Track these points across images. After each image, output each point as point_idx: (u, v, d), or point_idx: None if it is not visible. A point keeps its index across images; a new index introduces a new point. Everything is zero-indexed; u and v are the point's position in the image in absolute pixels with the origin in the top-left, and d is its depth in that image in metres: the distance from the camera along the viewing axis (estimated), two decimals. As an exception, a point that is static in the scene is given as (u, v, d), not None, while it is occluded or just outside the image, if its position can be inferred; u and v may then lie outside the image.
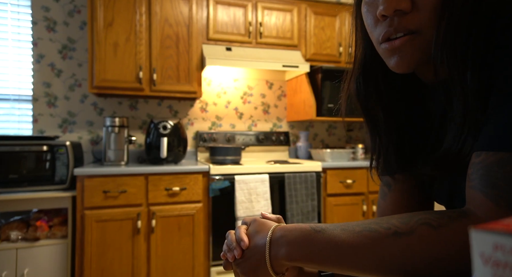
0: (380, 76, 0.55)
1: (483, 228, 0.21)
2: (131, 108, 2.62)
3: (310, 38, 2.67)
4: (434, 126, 0.55)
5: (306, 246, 0.47)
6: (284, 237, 0.49)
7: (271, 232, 0.51)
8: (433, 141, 0.55)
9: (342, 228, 0.47)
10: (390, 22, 0.45)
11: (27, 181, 1.96)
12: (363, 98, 0.57)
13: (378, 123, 0.58)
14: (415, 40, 0.45)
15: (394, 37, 0.46)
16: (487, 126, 0.41)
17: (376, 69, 0.55)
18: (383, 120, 0.57)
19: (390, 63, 0.48)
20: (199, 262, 2.12)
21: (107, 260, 1.96)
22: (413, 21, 0.44)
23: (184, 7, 2.38)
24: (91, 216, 1.93)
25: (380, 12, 0.45)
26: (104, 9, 2.21)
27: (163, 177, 2.07)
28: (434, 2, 0.43)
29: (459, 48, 0.42)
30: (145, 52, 2.30)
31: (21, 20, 2.43)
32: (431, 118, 0.56)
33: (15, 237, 1.90)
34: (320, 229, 0.48)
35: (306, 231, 0.48)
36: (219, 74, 2.81)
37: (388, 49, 0.47)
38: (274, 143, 2.83)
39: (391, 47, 0.46)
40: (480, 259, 0.21)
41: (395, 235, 0.42)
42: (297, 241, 0.48)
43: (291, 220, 2.19)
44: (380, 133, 0.58)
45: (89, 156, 2.52)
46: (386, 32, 0.46)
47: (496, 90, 0.41)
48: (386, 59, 0.49)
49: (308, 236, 0.47)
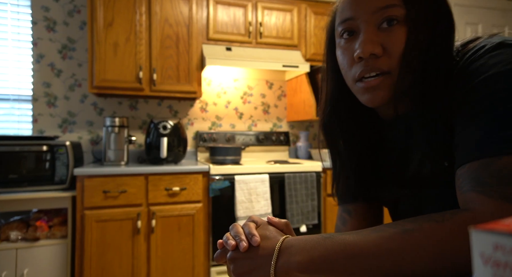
0: (344, 112, 0.63)
1: (483, 228, 0.21)
2: (131, 108, 2.62)
3: (310, 38, 2.67)
4: (392, 156, 0.63)
5: (317, 251, 0.47)
6: (295, 247, 0.49)
7: (281, 241, 0.51)
8: (394, 168, 0.63)
9: (350, 233, 0.49)
10: (365, 63, 0.53)
11: (27, 181, 1.96)
12: (328, 131, 0.65)
13: (340, 153, 0.65)
14: (386, 79, 0.53)
15: (368, 76, 0.53)
16: (462, 145, 0.48)
17: (341, 105, 0.63)
18: (344, 150, 0.64)
19: (364, 99, 0.55)
20: (199, 262, 2.12)
21: (107, 260, 1.96)
22: (384, 64, 0.52)
23: (184, 7, 2.38)
24: (91, 216, 1.93)
25: (357, 55, 0.52)
26: (104, 9, 2.21)
27: (163, 177, 2.07)
28: (400, 49, 0.51)
29: (418, 86, 0.51)
30: (145, 52, 2.30)
31: (21, 20, 2.43)
32: (389, 150, 0.64)
33: (15, 237, 1.90)
34: (329, 236, 0.49)
35: (316, 238, 0.50)
36: (219, 74, 2.82)
37: (363, 87, 0.54)
38: (274, 143, 2.83)
39: (367, 86, 0.53)
40: (480, 259, 0.21)
41: (403, 232, 0.45)
42: (307, 248, 0.48)
43: (291, 220, 2.19)
44: (341, 162, 0.66)
45: (89, 156, 2.52)
46: (363, 71, 0.53)
47: (460, 115, 0.48)
48: (360, 95, 0.56)
49: (318, 242, 0.48)
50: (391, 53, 0.52)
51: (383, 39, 0.52)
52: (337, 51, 0.59)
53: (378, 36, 0.52)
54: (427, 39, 0.51)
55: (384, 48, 0.52)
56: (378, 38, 0.52)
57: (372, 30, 0.52)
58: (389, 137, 0.63)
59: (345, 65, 0.57)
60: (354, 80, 0.55)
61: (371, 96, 0.54)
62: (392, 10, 0.51)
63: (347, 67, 0.56)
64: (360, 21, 0.53)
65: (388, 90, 0.53)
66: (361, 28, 0.53)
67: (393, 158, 0.63)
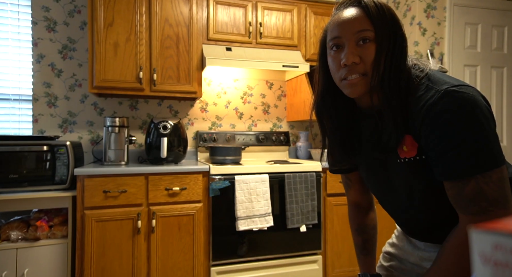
0: (330, 101, 0.86)
1: (483, 228, 0.21)
2: (131, 108, 2.62)
3: (310, 38, 2.67)
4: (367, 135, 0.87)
5: None
6: None
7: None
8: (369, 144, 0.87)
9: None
10: (349, 69, 0.75)
11: (27, 181, 1.96)
12: (319, 114, 0.89)
13: (327, 130, 0.90)
14: (363, 79, 0.75)
15: (351, 77, 0.76)
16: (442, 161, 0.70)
17: (329, 96, 0.86)
18: (330, 127, 0.89)
19: (347, 91, 0.78)
20: (199, 262, 2.12)
21: (107, 260, 1.96)
22: (361, 68, 0.75)
23: (184, 7, 2.38)
24: (91, 216, 1.93)
25: (343, 62, 0.75)
26: (104, 9, 2.21)
27: (163, 177, 2.07)
28: (371, 58, 0.74)
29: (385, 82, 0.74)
30: (145, 52, 2.30)
31: (21, 20, 2.43)
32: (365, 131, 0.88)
33: (15, 237, 1.90)
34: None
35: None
36: (219, 74, 2.81)
37: (347, 84, 0.77)
38: (274, 143, 2.83)
39: (350, 83, 0.76)
40: (480, 259, 0.21)
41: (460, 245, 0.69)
42: None
43: (291, 220, 2.20)
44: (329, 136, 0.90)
45: (89, 156, 2.52)
46: (347, 73, 0.76)
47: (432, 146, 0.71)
48: (345, 89, 0.78)
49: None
50: (366, 61, 0.74)
51: (360, 52, 0.74)
52: (328, 58, 0.81)
53: (356, 50, 0.75)
54: (389, 51, 0.74)
55: (361, 58, 0.74)
56: (356, 51, 0.74)
57: (352, 46, 0.75)
58: (365, 122, 0.87)
59: (334, 69, 0.79)
60: (340, 79, 0.78)
61: (353, 89, 0.77)
62: (366, 33, 0.74)
63: (335, 70, 0.79)
64: (344, 39, 0.76)
65: (364, 86, 0.76)
66: (345, 43, 0.76)
67: (367, 136, 0.87)
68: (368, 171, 0.91)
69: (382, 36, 0.73)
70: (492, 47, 2.88)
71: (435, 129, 0.68)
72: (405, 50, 0.76)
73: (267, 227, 2.13)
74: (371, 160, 0.88)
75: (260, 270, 2.18)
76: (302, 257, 2.27)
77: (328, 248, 2.34)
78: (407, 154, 0.76)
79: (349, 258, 2.38)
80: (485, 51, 2.85)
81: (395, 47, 0.74)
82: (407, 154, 0.76)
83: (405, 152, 0.76)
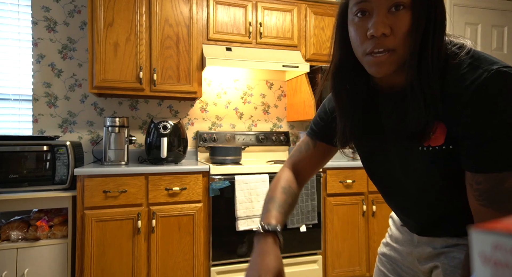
0: (348, 75, 0.74)
1: (483, 228, 0.21)
2: (131, 108, 2.62)
3: (310, 38, 2.67)
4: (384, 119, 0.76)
5: None
6: None
7: None
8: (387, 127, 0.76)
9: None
10: (376, 41, 0.62)
11: (27, 181, 1.96)
12: (335, 89, 0.76)
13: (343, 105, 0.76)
14: (392, 56, 0.63)
15: (377, 51, 0.63)
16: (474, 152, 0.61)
17: (346, 71, 0.74)
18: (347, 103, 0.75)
19: (372, 70, 0.65)
20: (199, 262, 2.12)
21: (107, 260, 1.96)
22: (391, 42, 0.62)
23: (184, 7, 2.38)
24: (91, 216, 1.93)
25: (371, 33, 0.62)
26: (104, 9, 2.21)
27: (163, 177, 2.07)
28: (405, 30, 0.61)
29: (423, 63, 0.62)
30: (145, 52, 2.30)
31: (21, 20, 2.43)
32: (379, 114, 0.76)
33: (16, 237, 1.90)
34: None
35: None
36: (219, 74, 2.82)
37: (372, 61, 0.64)
38: (274, 143, 2.83)
39: (375, 60, 0.63)
40: (480, 258, 0.21)
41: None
42: None
43: (291, 220, 2.20)
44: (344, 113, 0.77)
45: (89, 156, 2.52)
46: (374, 47, 0.63)
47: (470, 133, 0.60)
48: (368, 67, 0.66)
49: None
50: (397, 33, 0.61)
51: (392, 21, 0.61)
52: (350, 26, 0.68)
53: (388, 19, 0.61)
54: (429, 22, 0.61)
55: (392, 29, 0.61)
56: (388, 20, 0.61)
57: (383, 13, 0.61)
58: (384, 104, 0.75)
59: (357, 40, 0.66)
60: (364, 54, 0.65)
61: (379, 68, 0.64)
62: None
63: (359, 42, 0.66)
64: (373, 4, 0.62)
65: (392, 65, 0.64)
66: (374, 9, 0.62)
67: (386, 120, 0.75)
68: (379, 158, 0.80)
69: (420, 2, 0.61)
70: (492, 47, 2.88)
71: (482, 113, 0.58)
72: (444, 24, 0.64)
73: (267, 227, 2.13)
74: (387, 146, 0.77)
75: (260, 270, 2.18)
76: (302, 257, 2.27)
77: (328, 248, 2.34)
78: (433, 142, 0.66)
79: (349, 258, 2.38)
80: (485, 51, 2.84)
81: (436, 16, 0.62)
82: (432, 142, 0.66)
83: (431, 139, 0.66)
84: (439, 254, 0.79)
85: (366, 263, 2.41)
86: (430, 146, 0.67)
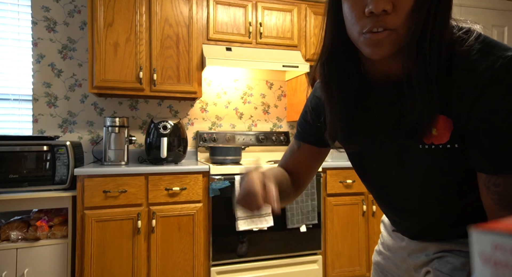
0: (339, 62, 0.65)
1: (483, 228, 0.21)
2: (131, 108, 2.62)
3: (310, 38, 2.67)
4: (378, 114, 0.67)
5: None
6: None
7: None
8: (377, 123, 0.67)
9: None
10: (375, 19, 0.54)
11: (27, 181, 1.96)
12: (324, 77, 0.67)
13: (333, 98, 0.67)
14: (391, 35, 0.55)
15: (376, 31, 0.54)
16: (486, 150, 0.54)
17: (336, 57, 0.65)
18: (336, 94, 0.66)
19: (368, 51, 0.57)
20: (199, 262, 2.12)
21: (107, 260, 1.96)
22: (392, 21, 0.54)
23: (184, 7, 2.38)
24: (91, 216, 1.93)
25: (369, 10, 0.53)
26: (104, 9, 2.21)
27: (163, 177, 2.07)
28: (409, 8, 0.53)
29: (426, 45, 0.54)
30: (145, 52, 2.30)
31: (21, 20, 2.43)
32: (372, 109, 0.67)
33: (16, 237, 1.90)
34: None
35: None
36: (219, 74, 2.82)
37: (369, 39, 0.55)
38: (274, 143, 2.83)
39: (373, 38, 0.55)
40: (480, 259, 0.21)
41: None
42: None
43: (291, 220, 2.20)
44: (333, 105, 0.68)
45: (89, 156, 2.52)
46: (372, 26, 0.54)
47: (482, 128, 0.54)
48: (364, 47, 0.57)
49: None
50: (399, 11, 0.54)
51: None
52: (344, 3, 0.59)
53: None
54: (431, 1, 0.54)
55: (394, 6, 0.53)
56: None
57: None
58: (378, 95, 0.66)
59: (352, 18, 0.57)
60: (360, 33, 0.57)
61: (376, 49, 0.56)
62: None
63: (354, 20, 0.57)
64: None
65: (391, 45, 0.55)
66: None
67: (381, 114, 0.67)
68: (371, 157, 0.72)
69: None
70: (492, 47, 2.88)
71: (501, 105, 0.51)
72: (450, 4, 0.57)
73: (267, 227, 2.13)
74: (380, 144, 0.68)
75: (260, 270, 2.18)
76: (302, 257, 2.27)
77: (328, 248, 2.34)
78: (436, 139, 0.59)
79: (349, 258, 2.39)
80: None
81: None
82: (435, 139, 0.59)
83: (434, 136, 0.59)
84: (432, 259, 0.75)
85: (366, 263, 2.41)
86: (433, 144, 0.59)
